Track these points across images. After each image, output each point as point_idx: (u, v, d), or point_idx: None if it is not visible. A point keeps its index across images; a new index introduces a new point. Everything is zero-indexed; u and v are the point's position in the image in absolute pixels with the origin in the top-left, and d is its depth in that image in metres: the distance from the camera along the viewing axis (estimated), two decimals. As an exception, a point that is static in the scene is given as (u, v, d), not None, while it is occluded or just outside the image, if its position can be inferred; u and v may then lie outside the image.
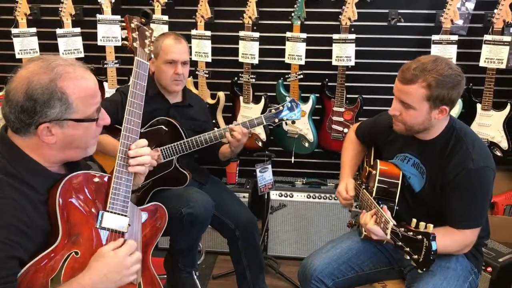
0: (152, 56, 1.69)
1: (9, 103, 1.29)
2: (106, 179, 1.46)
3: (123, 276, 1.35)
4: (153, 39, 1.70)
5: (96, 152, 1.50)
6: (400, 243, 1.56)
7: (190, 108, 2.54)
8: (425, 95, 1.70)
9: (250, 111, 3.11)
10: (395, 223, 1.62)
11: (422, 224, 1.52)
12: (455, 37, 2.79)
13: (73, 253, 1.34)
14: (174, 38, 2.41)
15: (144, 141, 1.54)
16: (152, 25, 1.91)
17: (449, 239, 1.75)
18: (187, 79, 2.50)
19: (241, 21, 3.01)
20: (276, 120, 2.38)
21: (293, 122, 2.51)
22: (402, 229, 1.56)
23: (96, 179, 1.43)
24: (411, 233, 1.53)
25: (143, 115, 2.22)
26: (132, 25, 1.65)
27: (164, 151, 2.33)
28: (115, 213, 1.43)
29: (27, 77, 1.28)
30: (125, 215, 1.45)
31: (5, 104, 1.30)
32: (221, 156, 2.55)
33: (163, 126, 2.39)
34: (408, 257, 1.53)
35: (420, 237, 1.49)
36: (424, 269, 1.50)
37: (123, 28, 1.67)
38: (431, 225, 1.51)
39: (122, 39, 1.67)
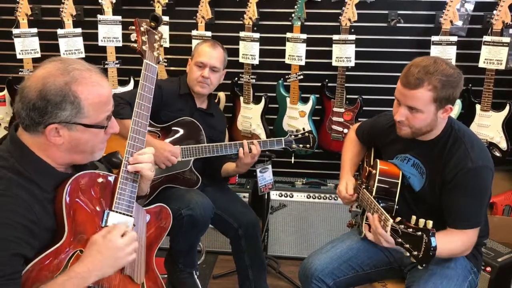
0: (160, 59, 1.72)
1: (22, 100, 1.30)
2: (112, 179, 1.47)
3: (118, 258, 1.36)
4: (162, 43, 1.72)
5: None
6: (400, 240, 1.58)
7: (212, 117, 2.60)
8: (432, 97, 1.71)
9: (250, 111, 3.12)
10: (395, 221, 1.63)
11: (421, 221, 1.53)
12: (454, 38, 2.80)
13: (78, 251, 1.35)
14: (211, 44, 2.53)
15: (150, 149, 1.55)
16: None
17: (456, 241, 1.76)
18: (214, 85, 2.54)
19: (241, 22, 3.02)
20: (294, 146, 2.51)
21: (306, 151, 2.61)
22: (402, 226, 1.57)
23: (103, 179, 1.44)
24: (411, 229, 1.54)
25: (169, 111, 2.22)
26: (142, 29, 1.67)
27: (185, 150, 2.36)
28: (120, 212, 1.45)
29: (43, 77, 1.29)
30: (130, 215, 1.47)
31: (18, 100, 1.31)
32: (223, 173, 2.61)
33: (188, 127, 2.43)
34: (408, 254, 1.55)
35: (419, 233, 1.51)
36: (424, 265, 1.51)
37: (132, 31, 1.69)
38: (431, 222, 1.52)
39: (131, 42, 1.69)
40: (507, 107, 2.76)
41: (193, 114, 2.51)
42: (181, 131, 2.43)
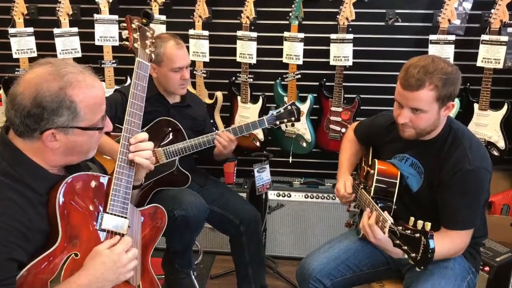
0: (153, 57, 1.68)
1: (15, 107, 1.27)
2: (106, 180, 1.46)
3: (119, 274, 1.35)
4: (154, 40, 1.69)
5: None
6: (398, 242, 1.57)
7: (189, 108, 2.56)
8: (435, 96, 1.70)
9: (248, 111, 3.10)
10: (393, 222, 1.62)
11: (420, 222, 1.52)
12: (452, 37, 2.79)
13: (73, 254, 1.33)
14: (176, 44, 2.40)
15: (144, 134, 1.54)
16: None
17: (449, 242, 1.75)
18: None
19: (239, 21, 3.01)
20: (277, 123, 2.43)
21: (293, 124, 2.54)
22: (400, 227, 1.57)
23: (96, 181, 1.43)
24: (409, 231, 1.53)
25: (143, 115, 2.24)
26: (133, 26, 1.64)
27: (167, 151, 2.34)
28: (115, 214, 1.43)
29: (36, 83, 1.26)
30: (125, 217, 1.45)
31: (10, 107, 1.28)
32: (216, 158, 2.57)
33: (165, 126, 2.39)
34: (406, 256, 1.54)
35: (418, 235, 1.50)
36: (422, 267, 1.50)
37: (123, 29, 1.66)
38: (429, 224, 1.51)
39: (123, 39, 1.66)
40: (505, 106, 2.75)
41: (169, 111, 2.48)
42: (159, 133, 2.39)
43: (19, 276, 1.24)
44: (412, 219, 1.56)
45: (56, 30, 2.97)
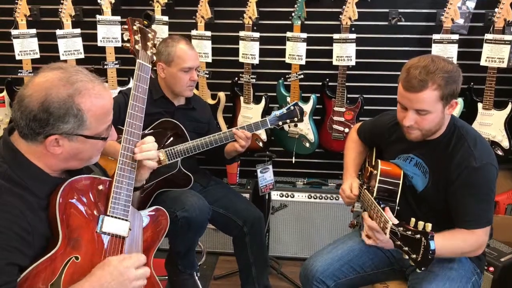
0: (154, 59, 1.67)
1: (22, 109, 1.27)
2: (107, 183, 1.45)
3: (125, 287, 1.33)
4: (156, 42, 1.68)
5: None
6: (399, 243, 1.56)
7: (194, 111, 2.56)
8: (438, 96, 1.70)
9: (250, 111, 3.10)
10: (395, 223, 1.61)
11: (420, 223, 1.52)
12: (456, 36, 2.78)
13: (73, 258, 1.33)
14: (187, 44, 2.43)
15: (150, 138, 1.54)
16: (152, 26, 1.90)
17: (463, 241, 1.74)
18: None
19: (241, 21, 3.01)
20: (280, 123, 2.42)
21: (296, 125, 2.52)
22: (401, 228, 1.56)
23: (97, 183, 1.42)
24: (410, 232, 1.52)
25: (148, 116, 2.25)
26: (135, 27, 1.63)
27: (169, 153, 2.34)
28: (115, 217, 1.42)
29: (46, 88, 1.26)
30: (126, 220, 1.45)
31: (17, 109, 1.28)
32: (226, 155, 2.57)
33: (167, 128, 2.39)
34: (407, 257, 1.53)
35: (418, 236, 1.49)
36: (422, 268, 1.49)
37: (125, 30, 1.66)
38: (430, 224, 1.50)
39: (124, 41, 1.66)
40: (509, 106, 2.74)
41: (174, 113, 2.48)
42: (162, 134, 2.39)
43: (19, 280, 1.23)
44: (413, 220, 1.55)
45: (58, 32, 2.98)
